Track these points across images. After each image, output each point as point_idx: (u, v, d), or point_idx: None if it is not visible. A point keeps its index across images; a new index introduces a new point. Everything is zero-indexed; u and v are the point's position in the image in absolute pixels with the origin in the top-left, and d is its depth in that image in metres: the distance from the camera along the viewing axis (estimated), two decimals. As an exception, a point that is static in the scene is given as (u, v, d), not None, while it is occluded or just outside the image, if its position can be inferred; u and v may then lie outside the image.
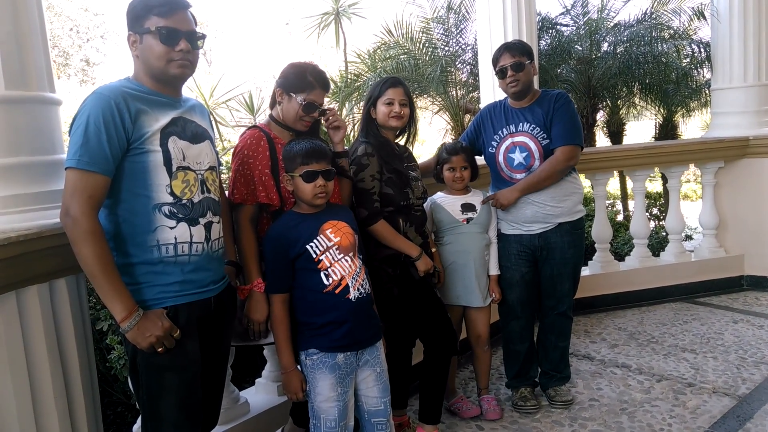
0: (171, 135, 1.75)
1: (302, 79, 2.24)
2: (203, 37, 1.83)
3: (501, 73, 2.89)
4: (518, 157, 2.88)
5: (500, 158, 2.94)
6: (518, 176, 2.89)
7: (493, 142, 2.96)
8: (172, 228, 1.74)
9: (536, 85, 3.26)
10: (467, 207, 2.88)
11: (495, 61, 2.93)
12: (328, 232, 2.10)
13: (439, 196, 2.96)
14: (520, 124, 2.90)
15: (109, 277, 1.64)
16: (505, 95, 3.04)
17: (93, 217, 1.62)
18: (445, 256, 2.86)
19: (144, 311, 1.69)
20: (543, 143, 2.84)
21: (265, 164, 2.20)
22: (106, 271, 1.63)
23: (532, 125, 2.87)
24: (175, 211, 1.75)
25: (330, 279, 2.07)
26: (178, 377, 1.76)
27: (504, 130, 2.94)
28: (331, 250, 2.08)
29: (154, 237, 1.73)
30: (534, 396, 3.06)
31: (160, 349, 1.69)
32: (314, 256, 2.06)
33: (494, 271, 2.98)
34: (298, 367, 2.14)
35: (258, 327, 2.14)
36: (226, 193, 2.23)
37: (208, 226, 1.84)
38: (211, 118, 2.08)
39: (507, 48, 2.91)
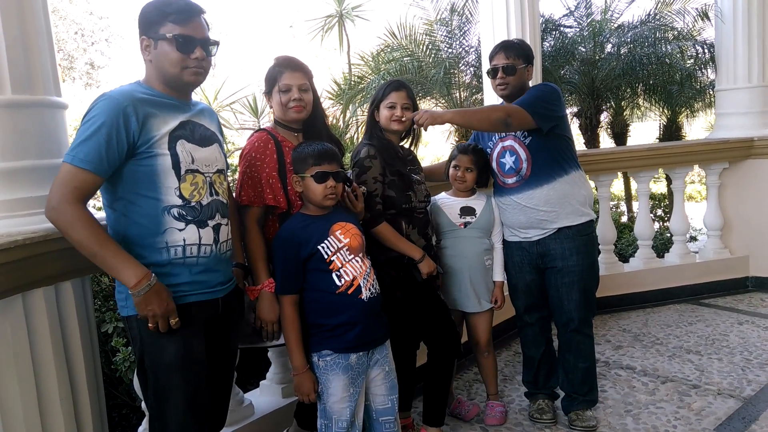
0: (179, 138, 1.77)
1: (271, 74, 2.29)
2: (217, 43, 1.85)
3: (492, 73, 2.79)
4: (509, 161, 2.80)
5: (494, 164, 2.87)
6: (510, 181, 2.81)
7: (487, 149, 2.91)
8: (181, 230, 1.76)
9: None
10: (466, 211, 2.86)
11: (490, 58, 2.84)
12: (337, 233, 2.11)
13: (441, 197, 2.94)
14: None
15: (110, 249, 1.64)
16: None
17: (77, 204, 1.62)
18: (443, 259, 2.84)
19: (158, 283, 1.68)
20: (526, 143, 2.74)
21: (273, 166, 2.22)
22: (104, 245, 1.63)
23: None
24: (184, 213, 1.76)
25: (342, 280, 2.08)
26: (184, 377, 1.77)
27: (495, 135, 2.86)
28: (341, 251, 2.09)
29: (163, 239, 1.74)
30: (552, 409, 2.96)
31: (150, 325, 1.68)
32: (326, 256, 2.07)
33: (498, 277, 2.92)
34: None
35: (271, 327, 2.15)
36: (233, 194, 2.24)
37: (216, 228, 1.85)
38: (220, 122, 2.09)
39: (504, 47, 2.79)
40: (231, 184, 2.34)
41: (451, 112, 2.70)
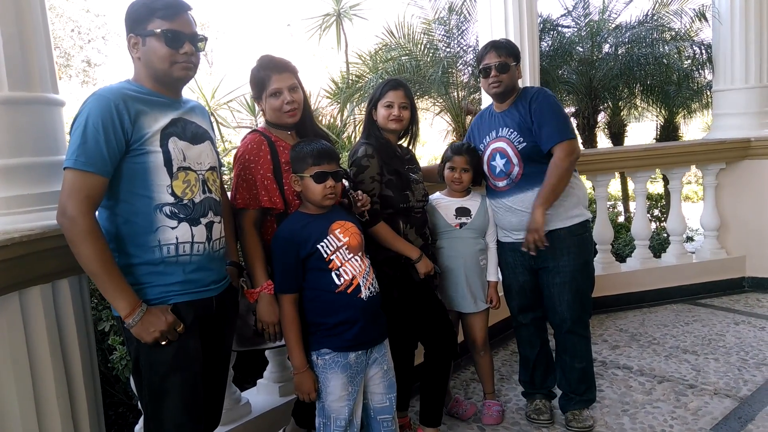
0: (171, 136, 1.76)
1: (258, 78, 2.27)
2: (205, 39, 1.84)
3: (484, 72, 2.77)
4: (499, 164, 2.77)
5: (485, 166, 2.85)
6: (500, 184, 2.79)
7: (479, 151, 2.89)
8: (173, 228, 1.75)
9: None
10: (462, 211, 2.85)
11: (479, 58, 2.82)
12: (337, 232, 2.11)
13: (436, 197, 2.93)
14: (500, 129, 2.79)
15: (110, 275, 1.65)
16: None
17: (90, 216, 1.63)
18: (439, 260, 2.83)
19: (148, 306, 1.71)
20: (519, 147, 2.71)
21: (267, 168, 2.21)
22: (107, 268, 1.64)
23: (510, 129, 2.75)
24: (177, 211, 1.76)
25: (341, 279, 2.07)
26: (180, 377, 1.77)
27: (487, 137, 2.84)
28: (341, 250, 2.09)
29: (155, 237, 1.74)
30: (549, 409, 2.96)
31: (164, 342, 1.71)
32: (325, 255, 2.07)
33: (492, 277, 2.92)
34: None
35: (272, 329, 2.15)
36: (229, 196, 2.23)
37: (209, 226, 1.85)
38: (212, 119, 2.09)
39: (494, 46, 2.77)
40: (227, 183, 2.33)
41: (541, 204, 2.63)
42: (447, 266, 2.84)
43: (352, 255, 2.11)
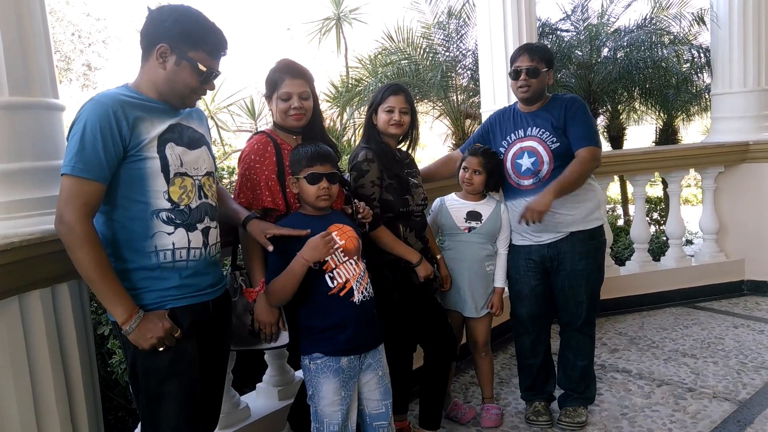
0: (168, 141, 1.76)
1: (272, 79, 2.29)
2: (219, 74, 1.87)
3: (514, 74, 2.78)
4: (526, 162, 2.77)
5: (508, 164, 2.84)
6: (526, 182, 2.78)
7: (501, 149, 2.87)
8: (170, 234, 1.76)
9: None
10: (473, 215, 2.84)
11: (512, 60, 2.82)
12: (333, 234, 2.11)
13: (450, 198, 2.92)
14: (529, 128, 2.79)
15: (107, 281, 1.65)
16: (515, 100, 2.96)
17: (87, 223, 1.63)
18: (445, 261, 2.85)
19: (145, 312, 1.71)
20: (552, 147, 2.73)
21: (272, 169, 2.22)
22: (104, 275, 1.64)
23: (542, 129, 2.76)
24: (173, 217, 1.76)
25: (335, 281, 2.08)
26: (177, 382, 1.77)
27: (512, 135, 2.84)
28: (336, 253, 2.09)
29: (152, 243, 1.74)
30: (548, 411, 2.95)
31: (161, 349, 1.71)
32: None
33: (499, 283, 2.90)
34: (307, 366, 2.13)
35: (269, 329, 2.15)
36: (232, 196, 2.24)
37: (205, 232, 1.85)
38: (210, 123, 2.10)
39: (527, 50, 2.79)
40: (228, 187, 2.34)
41: (554, 191, 2.59)
42: (451, 268, 2.85)
43: (347, 258, 2.12)
